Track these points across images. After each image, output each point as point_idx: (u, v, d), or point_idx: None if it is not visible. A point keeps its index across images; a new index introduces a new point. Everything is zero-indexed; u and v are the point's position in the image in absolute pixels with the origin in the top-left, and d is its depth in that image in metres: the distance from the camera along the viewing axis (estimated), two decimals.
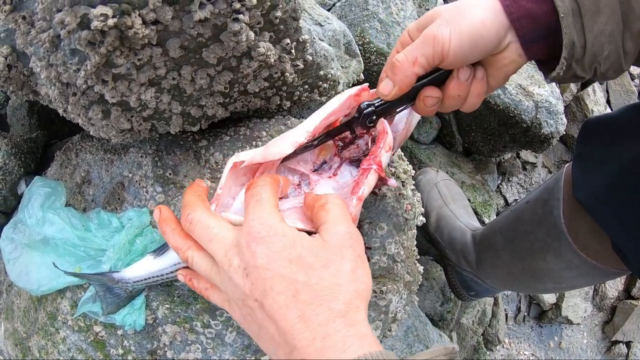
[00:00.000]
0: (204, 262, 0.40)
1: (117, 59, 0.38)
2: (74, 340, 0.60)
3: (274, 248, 0.35)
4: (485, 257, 0.88)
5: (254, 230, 0.36)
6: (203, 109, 0.53)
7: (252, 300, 0.35)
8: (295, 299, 0.34)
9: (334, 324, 0.33)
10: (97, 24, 0.33)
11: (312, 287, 0.34)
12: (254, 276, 0.35)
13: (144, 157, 0.62)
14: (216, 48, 0.44)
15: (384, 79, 0.44)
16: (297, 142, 0.45)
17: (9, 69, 0.45)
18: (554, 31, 0.39)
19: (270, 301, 0.34)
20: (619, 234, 0.56)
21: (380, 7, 0.97)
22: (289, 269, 0.35)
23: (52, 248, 0.59)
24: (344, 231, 0.38)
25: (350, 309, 0.34)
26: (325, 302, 0.34)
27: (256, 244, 0.35)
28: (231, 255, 0.37)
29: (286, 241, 0.36)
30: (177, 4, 0.38)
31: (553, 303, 1.25)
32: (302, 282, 0.34)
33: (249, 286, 0.35)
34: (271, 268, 0.35)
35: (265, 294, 0.34)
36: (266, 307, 0.34)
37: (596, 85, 1.43)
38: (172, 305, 0.56)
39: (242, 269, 0.36)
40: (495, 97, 1.01)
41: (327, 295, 0.34)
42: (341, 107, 0.47)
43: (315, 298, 0.34)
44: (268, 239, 0.36)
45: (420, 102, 0.45)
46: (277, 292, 0.34)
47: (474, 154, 1.23)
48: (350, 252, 0.37)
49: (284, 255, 0.35)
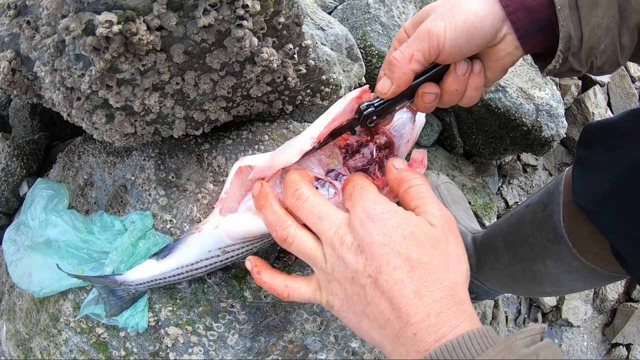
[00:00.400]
0: (309, 241, 0.39)
1: (121, 64, 0.38)
2: (76, 342, 0.61)
3: (389, 224, 0.36)
4: (485, 260, 0.88)
5: (368, 207, 0.37)
6: (206, 113, 0.54)
7: (365, 277, 0.35)
8: (411, 275, 0.34)
9: (446, 302, 0.34)
10: (102, 30, 0.34)
11: (425, 264, 0.35)
12: (369, 252, 0.35)
13: (146, 160, 0.62)
14: (220, 53, 0.44)
15: (382, 78, 0.44)
16: (303, 150, 0.45)
17: (13, 73, 0.45)
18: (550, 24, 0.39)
19: (386, 276, 0.34)
20: (618, 238, 0.56)
21: (382, 11, 0.97)
22: (403, 245, 0.35)
23: (55, 250, 0.59)
24: (442, 214, 0.38)
25: (458, 288, 0.35)
26: (437, 280, 0.35)
27: (372, 221, 0.36)
28: (343, 233, 0.37)
29: (400, 217, 0.36)
30: (181, 10, 0.39)
31: (553, 305, 1.25)
32: (416, 259, 0.35)
33: (363, 262, 0.35)
34: (388, 244, 0.35)
35: (380, 270, 0.35)
36: (380, 283, 0.35)
37: (597, 88, 1.43)
38: (175, 308, 0.57)
39: (356, 246, 0.36)
40: (496, 100, 1.01)
41: (439, 274, 0.35)
42: (344, 111, 0.47)
43: (428, 275, 0.35)
44: (383, 215, 0.36)
45: (418, 98, 0.45)
46: (393, 267, 0.35)
47: (475, 156, 1.23)
48: (452, 236, 0.38)
49: (398, 231, 0.36)
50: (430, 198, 0.39)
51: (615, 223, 0.56)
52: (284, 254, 0.58)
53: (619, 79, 1.52)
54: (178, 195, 0.60)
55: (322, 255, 0.39)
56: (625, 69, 1.54)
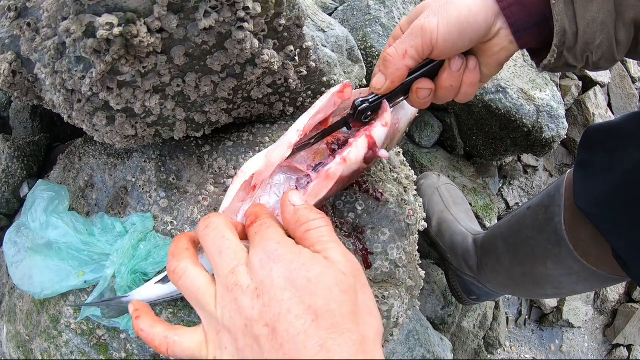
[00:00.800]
0: (200, 278, 0.34)
1: (122, 66, 0.38)
2: (77, 344, 0.61)
3: (293, 266, 0.31)
4: (486, 261, 0.88)
5: (270, 248, 0.32)
6: (207, 115, 0.54)
7: (262, 326, 0.30)
8: (316, 324, 0.29)
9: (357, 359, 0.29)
10: (103, 32, 0.33)
11: (332, 313, 0.30)
12: (267, 297, 0.30)
13: (147, 162, 0.62)
14: (220, 56, 0.44)
15: (377, 74, 0.44)
16: (292, 142, 0.45)
17: (13, 75, 0.45)
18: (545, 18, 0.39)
19: (287, 326, 0.29)
20: (619, 241, 0.56)
21: (383, 12, 0.97)
22: (308, 290, 0.30)
23: (56, 252, 0.59)
24: (346, 259, 0.34)
25: (368, 344, 0.30)
26: (347, 332, 0.30)
27: (273, 263, 0.31)
28: (240, 273, 0.32)
29: (305, 259, 0.32)
30: (182, 13, 0.38)
31: (554, 307, 1.25)
32: (322, 306, 0.30)
33: (260, 308, 0.30)
34: (289, 289, 0.30)
35: (280, 318, 0.29)
36: (280, 334, 0.29)
37: (597, 89, 1.43)
38: (176, 310, 0.57)
39: (253, 289, 0.31)
40: (497, 101, 1.01)
41: (348, 324, 0.30)
42: (326, 105, 0.48)
43: (336, 326, 0.30)
44: (286, 256, 0.32)
45: (413, 94, 0.45)
46: (295, 315, 0.29)
47: (476, 157, 1.23)
48: (360, 283, 0.33)
49: (302, 274, 0.31)
50: (333, 242, 0.34)
51: (616, 226, 0.56)
52: None
53: (620, 80, 1.52)
54: (179, 197, 0.60)
55: (213, 297, 0.33)
56: (626, 69, 1.54)
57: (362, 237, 0.59)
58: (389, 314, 0.58)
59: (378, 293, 0.58)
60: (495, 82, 1.01)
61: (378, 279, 0.58)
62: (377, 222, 0.59)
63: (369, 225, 0.59)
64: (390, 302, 0.58)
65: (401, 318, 0.60)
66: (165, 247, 0.58)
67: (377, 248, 0.58)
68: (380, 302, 0.58)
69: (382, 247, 0.58)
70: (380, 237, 0.59)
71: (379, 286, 0.58)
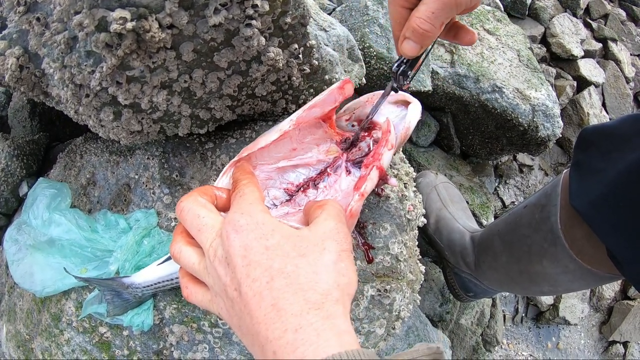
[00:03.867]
0: (192, 256, 0.38)
1: (132, 61, 0.39)
2: (79, 342, 0.60)
3: (251, 236, 0.34)
4: (483, 259, 0.89)
5: (233, 219, 0.35)
6: (211, 112, 0.54)
7: (232, 290, 0.34)
8: (270, 285, 0.32)
9: (308, 316, 0.30)
10: (117, 26, 0.34)
11: (287, 274, 0.32)
12: (232, 265, 0.34)
13: (150, 159, 0.62)
14: (227, 52, 0.45)
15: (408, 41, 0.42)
16: (282, 129, 0.48)
17: (20, 70, 0.45)
18: None
19: (246, 288, 0.32)
20: (613, 241, 0.57)
21: (381, 12, 0.98)
22: (264, 256, 0.33)
23: (58, 249, 0.59)
24: (332, 226, 0.37)
25: (328, 301, 0.32)
26: (300, 291, 0.32)
27: (235, 233, 0.34)
28: (215, 245, 0.36)
29: (265, 229, 0.35)
30: (192, 9, 0.39)
31: (550, 304, 1.27)
32: (277, 269, 0.33)
33: (230, 275, 0.34)
34: (247, 255, 0.33)
35: (241, 282, 0.33)
36: (243, 296, 0.33)
37: (592, 89, 1.45)
38: (180, 305, 0.57)
39: (224, 258, 0.35)
40: (492, 100, 1.03)
41: (304, 284, 0.32)
42: (325, 99, 0.49)
43: (289, 285, 0.32)
44: (246, 227, 0.35)
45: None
46: (252, 279, 0.32)
47: (472, 156, 1.25)
48: (334, 244, 0.36)
49: (262, 242, 0.34)
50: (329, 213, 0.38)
51: (610, 226, 0.56)
52: None
53: (614, 80, 1.55)
54: (182, 193, 0.61)
55: (205, 268, 0.37)
56: (620, 70, 1.57)
57: (364, 232, 0.59)
58: (391, 307, 0.59)
59: (380, 287, 0.58)
60: (491, 82, 1.03)
61: (380, 273, 0.59)
62: (378, 218, 0.60)
63: (370, 221, 0.60)
64: (392, 295, 0.59)
65: (403, 311, 0.61)
66: (169, 243, 0.58)
67: (378, 243, 0.59)
68: (382, 295, 0.58)
69: (383, 242, 0.59)
70: (382, 231, 0.60)
71: (380, 280, 0.59)
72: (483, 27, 1.14)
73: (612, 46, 1.58)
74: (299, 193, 0.52)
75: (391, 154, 0.49)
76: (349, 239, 0.38)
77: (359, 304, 0.57)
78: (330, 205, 0.40)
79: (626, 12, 1.74)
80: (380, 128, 0.53)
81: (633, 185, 0.53)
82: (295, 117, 0.48)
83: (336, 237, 0.36)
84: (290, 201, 0.51)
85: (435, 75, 1.04)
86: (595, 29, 1.59)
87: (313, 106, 0.49)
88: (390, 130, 0.49)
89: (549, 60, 1.50)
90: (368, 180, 0.47)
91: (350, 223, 0.47)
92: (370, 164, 0.49)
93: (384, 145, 0.48)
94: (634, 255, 0.54)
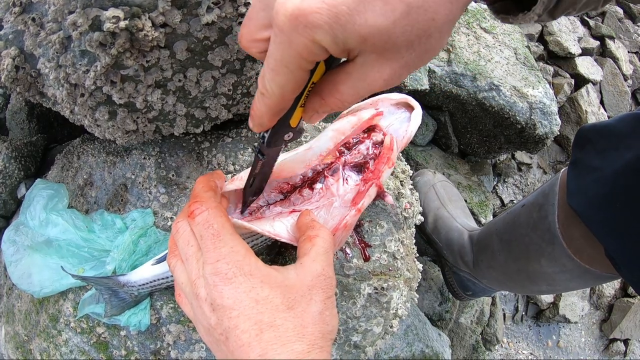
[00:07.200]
0: (183, 275, 0.40)
1: (126, 60, 0.39)
2: (77, 342, 0.60)
3: (241, 289, 0.36)
4: (481, 258, 0.89)
5: (220, 270, 0.36)
6: (207, 111, 0.54)
7: (218, 333, 0.36)
8: (259, 338, 0.34)
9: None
10: (110, 25, 0.34)
11: (276, 327, 0.35)
12: (219, 313, 0.36)
13: (147, 159, 0.63)
14: (221, 51, 0.45)
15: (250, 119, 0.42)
16: (310, 165, 0.49)
17: (16, 70, 0.46)
18: None
19: (235, 338, 0.35)
20: (611, 241, 0.56)
21: None
22: (255, 309, 0.35)
23: (56, 249, 0.59)
24: (319, 272, 0.39)
25: (314, 350, 0.35)
26: (288, 343, 0.34)
27: (223, 285, 0.36)
28: (199, 285, 0.37)
29: (254, 282, 0.36)
30: (185, 8, 0.39)
31: (550, 302, 1.26)
32: (267, 322, 0.35)
33: (215, 320, 0.36)
34: (237, 308, 0.35)
35: (229, 331, 0.35)
36: (230, 344, 0.35)
37: (590, 87, 1.45)
38: (177, 305, 0.57)
39: (209, 303, 0.36)
40: (490, 99, 1.03)
41: (291, 336, 0.35)
42: (354, 133, 0.50)
43: (278, 338, 0.34)
44: (235, 279, 0.36)
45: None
46: (241, 330, 0.35)
47: (470, 155, 1.25)
48: (320, 294, 0.38)
49: (251, 295, 0.36)
50: (317, 253, 0.40)
51: (608, 226, 0.56)
52: (284, 248, 0.59)
53: (612, 78, 1.55)
54: (178, 192, 0.61)
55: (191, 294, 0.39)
56: (618, 67, 1.57)
57: (360, 230, 0.59)
58: (388, 305, 0.59)
59: (377, 285, 0.58)
60: (488, 80, 1.03)
61: (377, 271, 0.59)
62: (375, 215, 0.60)
63: (367, 219, 0.60)
64: (389, 293, 0.59)
65: (400, 309, 0.61)
66: (165, 242, 0.58)
67: (375, 241, 0.59)
68: (379, 293, 0.58)
69: (380, 240, 0.59)
70: (378, 229, 0.60)
71: (377, 278, 0.59)
72: (480, 25, 1.15)
73: (609, 44, 1.58)
74: (294, 192, 0.52)
75: (390, 171, 0.50)
76: (334, 282, 0.40)
77: (355, 302, 0.58)
78: (321, 240, 0.41)
79: (623, 9, 1.74)
80: (380, 130, 0.53)
81: (629, 185, 0.53)
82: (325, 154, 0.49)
83: (322, 284, 0.39)
84: (285, 200, 0.51)
85: (432, 74, 1.04)
86: (593, 26, 1.60)
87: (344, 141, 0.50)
88: (393, 149, 0.49)
89: (547, 58, 1.50)
90: (366, 197, 0.48)
91: (345, 233, 0.48)
92: (369, 180, 0.49)
93: (385, 163, 0.49)
94: (631, 256, 0.54)
